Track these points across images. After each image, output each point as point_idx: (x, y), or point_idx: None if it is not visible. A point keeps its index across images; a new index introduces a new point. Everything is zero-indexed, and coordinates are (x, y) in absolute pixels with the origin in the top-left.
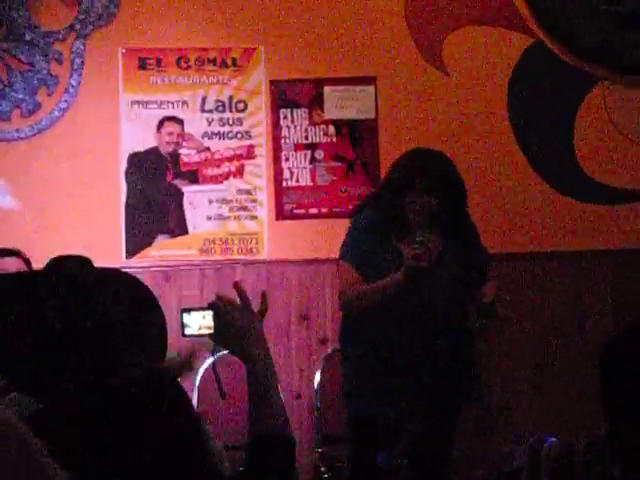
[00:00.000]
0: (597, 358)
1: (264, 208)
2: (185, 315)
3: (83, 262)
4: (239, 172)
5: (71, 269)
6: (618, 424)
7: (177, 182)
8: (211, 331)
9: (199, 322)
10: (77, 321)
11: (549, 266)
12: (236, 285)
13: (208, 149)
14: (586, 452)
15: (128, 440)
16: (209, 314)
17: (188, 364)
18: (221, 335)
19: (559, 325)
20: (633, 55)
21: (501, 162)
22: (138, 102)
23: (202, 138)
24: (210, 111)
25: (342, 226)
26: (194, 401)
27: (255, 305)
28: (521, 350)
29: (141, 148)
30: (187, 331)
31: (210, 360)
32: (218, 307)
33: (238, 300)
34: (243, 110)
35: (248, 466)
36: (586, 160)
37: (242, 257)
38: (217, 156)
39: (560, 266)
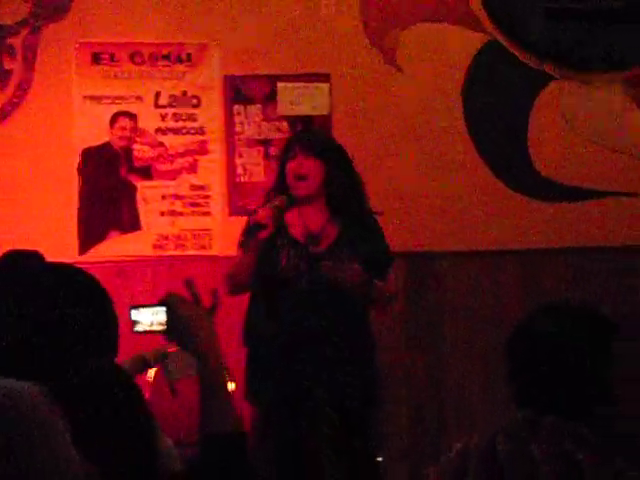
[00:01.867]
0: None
1: (217, 204)
2: (134, 311)
3: (34, 257)
4: (193, 168)
5: (22, 264)
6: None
7: (130, 177)
8: (163, 327)
9: (150, 318)
10: (29, 316)
11: (501, 264)
12: (187, 282)
13: (161, 144)
14: (504, 449)
15: (78, 433)
16: (162, 310)
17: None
18: (173, 331)
19: (511, 325)
20: (586, 52)
21: (455, 159)
22: (91, 97)
23: (155, 133)
24: (164, 106)
25: None
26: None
27: (207, 301)
28: (473, 349)
29: (94, 143)
30: (137, 327)
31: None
32: (169, 303)
33: (190, 296)
34: (197, 106)
35: (199, 464)
36: (540, 158)
37: (195, 253)
38: (171, 152)
39: (512, 264)
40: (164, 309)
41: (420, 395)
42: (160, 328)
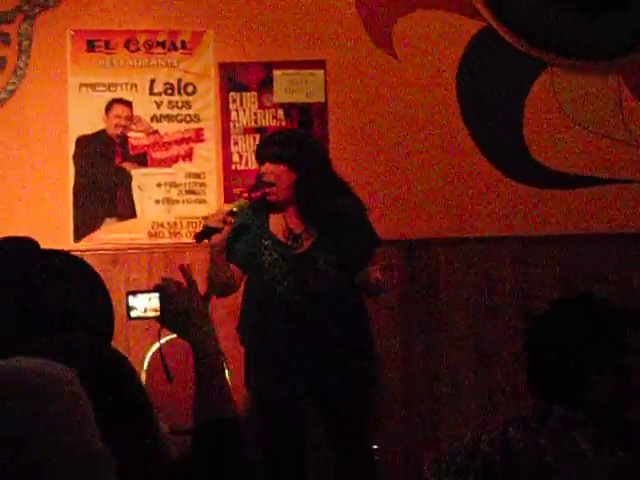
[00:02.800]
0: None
1: (213, 192)
2: (131, 297)
3: (29, 243)
4: (188, 155)
5: (17, 250)
6: (548, 398)
7: (125, 165)
8: (157, 313)
9: (145, 304)
10: (24, 302)
11: (496, 251)
12: (182, 268)
13: (157, 132)
14: (516, 437)
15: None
16: (155, 296)
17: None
18: (167, 317)
19: (507, 312)
20: (580, 40)
21: (450, 146)
22: (86, 84)
23: (151, 121)
24: (159, 94)
25: None
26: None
27: (202, 288)
28: (467, 336)
29: (89, 131)
30: (133, 314)
31: (157, 343)
32: (164, 289)
33: (184, 283)
34: (192, 93)
35: (195, 450)
36: (534, 144)
37: (191, 241)
38: (166, 139)
39: (507, 251)
40: (157, 295)
41: (415, 382)
42: (153, 314)
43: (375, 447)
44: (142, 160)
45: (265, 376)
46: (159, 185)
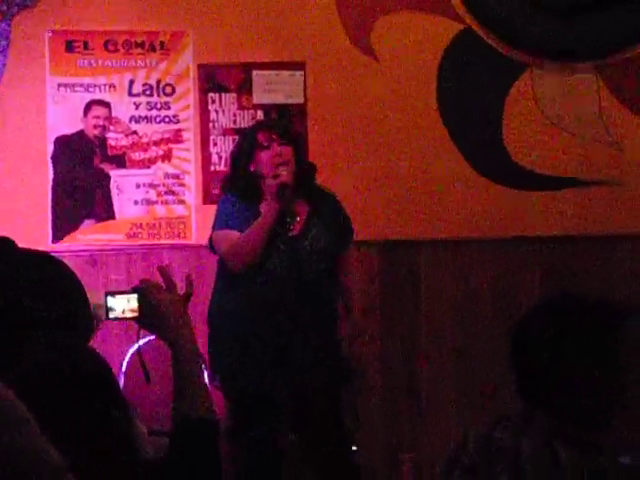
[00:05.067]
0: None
1: (192, 192)
2: (109, 298)
3: (6, 243)
4: (167, 156)
5: None
6: (535, 399)
7: (104, 166)
8: (136, 314)
9: (123, 305)
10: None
11: (476, 253)
12: (160, 269)
13: (135, 133)
14: (500, 438)
15: (50, 419)
16: (134, 297)
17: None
18: (146, 318)
19: (486, 313)
20: (561, 41)
21: (429, 148)
22: (65, 85)
23: (129, 122)
24: (137, 95)
25: None
26: (121, 385)
27: (181, 289)
28: (447, 340)
29: (68, 132)
30: (111, 314)
31: (135, 344)
32: (143, 290)
33: (163, 284)
34: (171, 94)
35: (171, 450)
36: (514, 146)
37: (170, 241)
38: (144, 140)
39: (487, 253)
40: (136, 296)
41: (395, 384)
42: (132, 315)
43: (354, 449)
44: (121, 161)
45: (241, 363)
46: (138, 186)
